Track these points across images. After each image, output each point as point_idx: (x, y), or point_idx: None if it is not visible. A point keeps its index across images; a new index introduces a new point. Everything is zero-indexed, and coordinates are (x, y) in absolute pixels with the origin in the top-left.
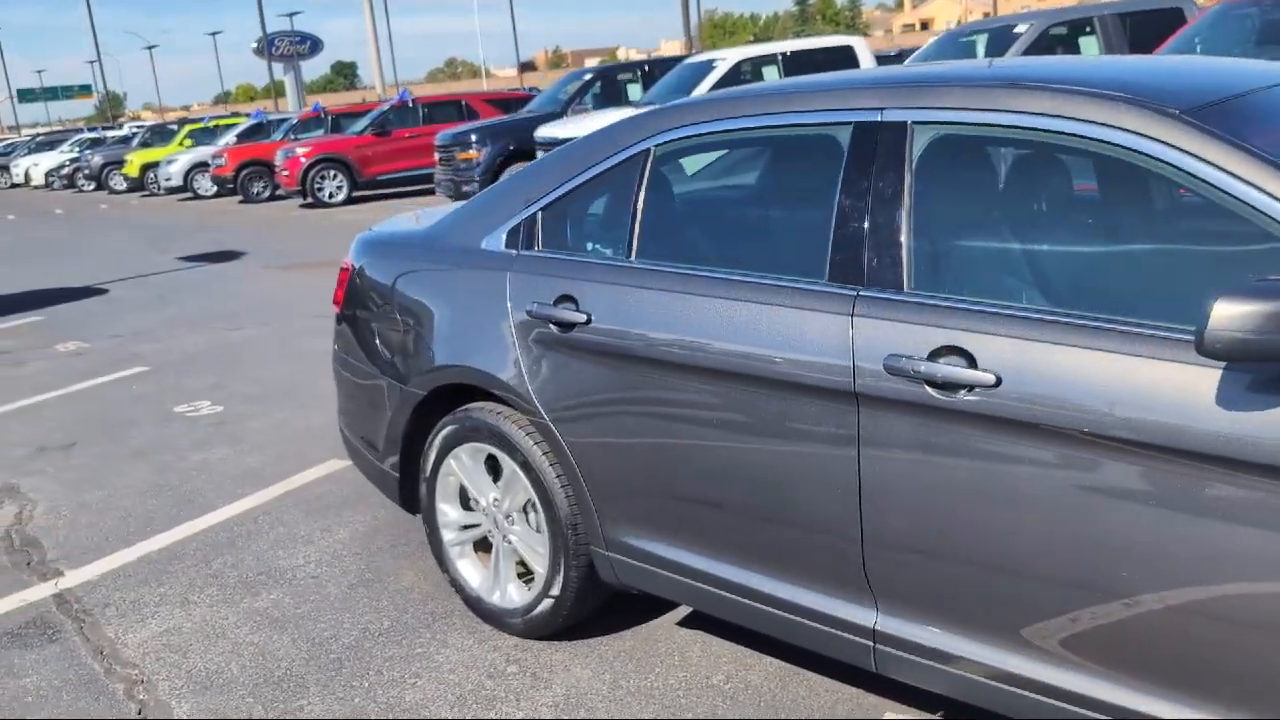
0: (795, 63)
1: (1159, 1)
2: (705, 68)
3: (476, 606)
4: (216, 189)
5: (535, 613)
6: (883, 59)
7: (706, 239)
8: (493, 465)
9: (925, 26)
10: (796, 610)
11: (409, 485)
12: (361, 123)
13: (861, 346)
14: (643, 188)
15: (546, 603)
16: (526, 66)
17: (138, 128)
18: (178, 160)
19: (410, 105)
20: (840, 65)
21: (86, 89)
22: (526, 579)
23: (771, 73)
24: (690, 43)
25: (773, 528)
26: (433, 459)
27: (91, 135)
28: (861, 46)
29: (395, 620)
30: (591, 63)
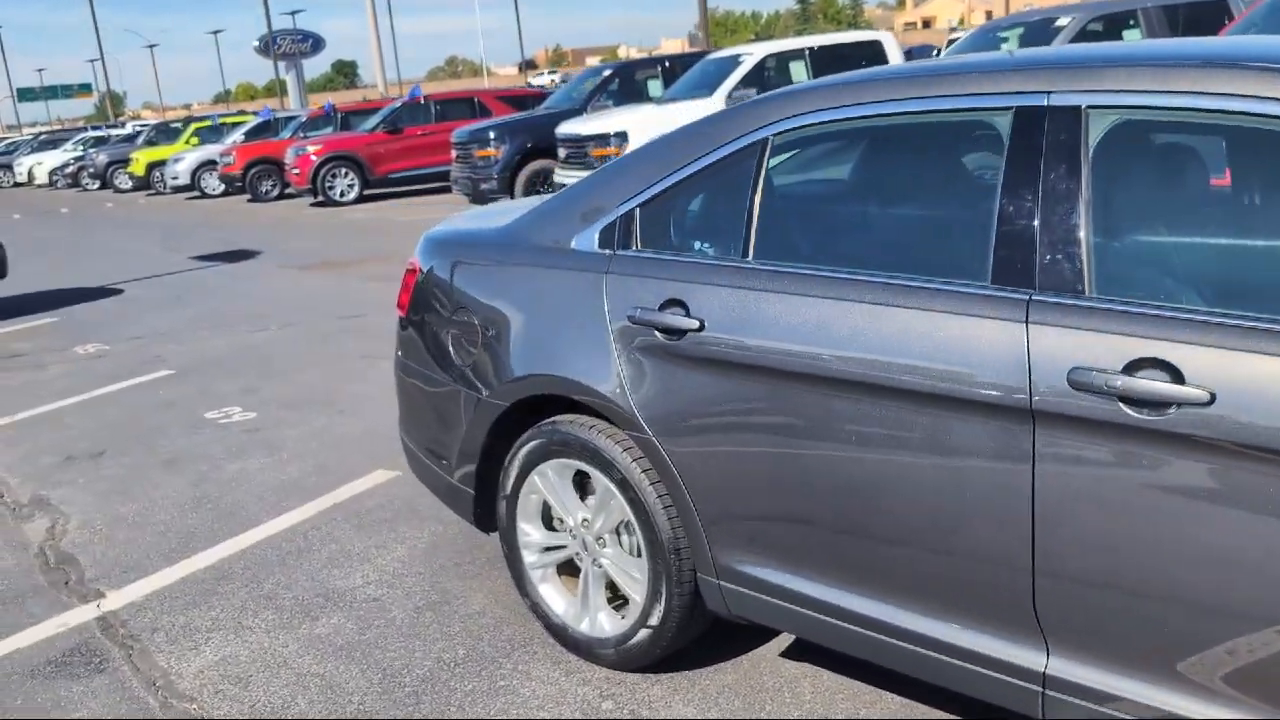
0: (822, 58)
1: None
2: (731, 64)
3: (561, 635)
4: (224, 188)
5: (631, 643)
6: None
7: (834, 237)
8: (580, 482)
9: (927, 25)
10: (950, 650)
11: (484, 502)
12: (373, 120)
13: (1039, 358)
14: (760, 180)
15: (644, 633)
16: (527, 65)
17: (141, 126)
18: (185, 159)
19: (422, 102)
20: (869, 61)
21: (86, 88)
22: (616, 605)
23: (799, 69)
24: (707, 39)
25: (924, 558)
26: (514, 475)
27: (96, 134)
28: (890, 42)
29: (470, 649)
30: (592, 61)
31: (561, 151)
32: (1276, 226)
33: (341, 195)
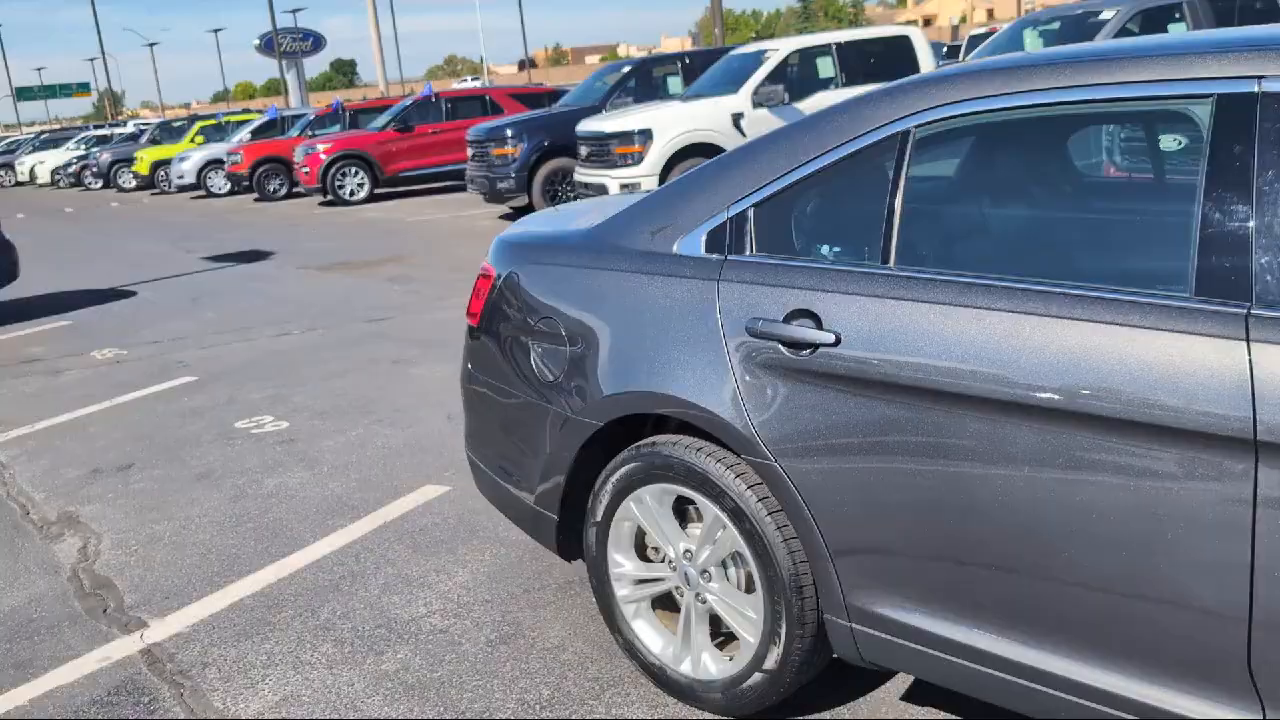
0: (849, 54)
1: None
2: (756, 59)
3: (659, 676)
4: (230, 186)
5: (744, 687)
6: None
7: (991, 241)
8: (680, 509)
9: (928, 23)
10: (1140, 710)
11: (568, 528)
12: (383, 118)
13: (1264, 383)
14: (901, 176)
15: (758, 677)
16: (527, 63)
17: (144, 125)
18: (191, 157)
19: (434, 100)
20: (897, 57)
21: (85, 87)
22: (719, 643)
23: (825, 64)
24: (722, 37)
25: (1112, 606)
26: (606, 501)
27: (98, 132)
28: (919, 37)
29: (555, 689)
30: (592, 60)
31: (582, 150)
32: None
33: (351, 194)
